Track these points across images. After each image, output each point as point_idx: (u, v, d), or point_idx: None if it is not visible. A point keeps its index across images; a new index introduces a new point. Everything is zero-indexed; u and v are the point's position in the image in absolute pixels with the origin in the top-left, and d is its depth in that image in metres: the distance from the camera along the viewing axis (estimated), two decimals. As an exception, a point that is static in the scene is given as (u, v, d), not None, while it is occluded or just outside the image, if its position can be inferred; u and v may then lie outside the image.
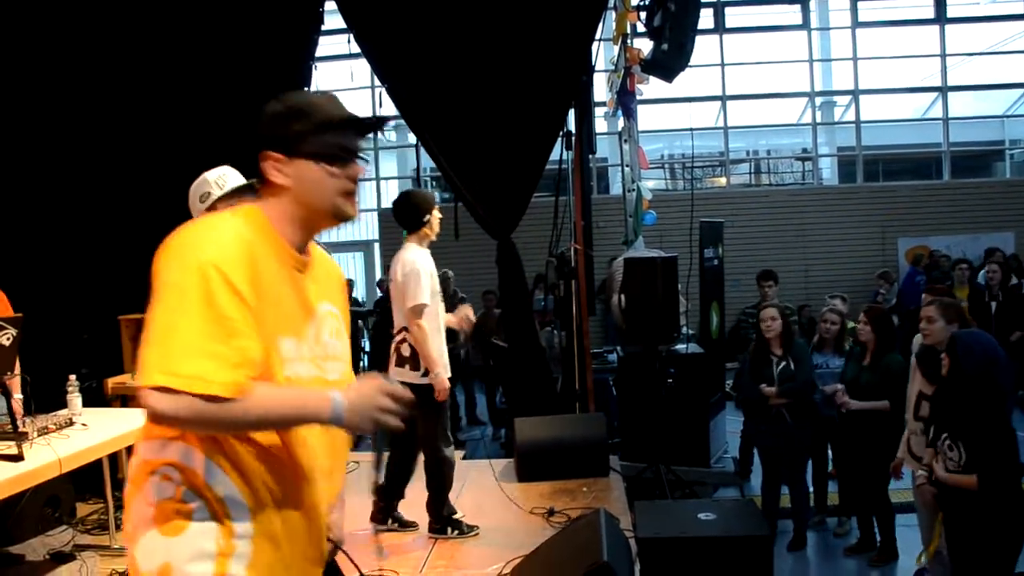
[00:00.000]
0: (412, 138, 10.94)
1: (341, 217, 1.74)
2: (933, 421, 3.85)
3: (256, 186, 1.77)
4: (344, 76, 10.01)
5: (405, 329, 4.29)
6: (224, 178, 3.26)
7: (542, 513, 4.73)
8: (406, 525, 4.64)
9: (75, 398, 3.98)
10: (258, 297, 1.58)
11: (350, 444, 1.91)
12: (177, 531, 1.60)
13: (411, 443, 4.51)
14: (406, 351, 4.30)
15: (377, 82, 6.96)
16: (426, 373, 4.26)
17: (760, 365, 5.45)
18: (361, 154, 1.76)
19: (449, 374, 4.36)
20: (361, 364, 9.69)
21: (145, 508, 1.62)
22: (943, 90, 13.67)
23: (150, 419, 1.56)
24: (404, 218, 4.38)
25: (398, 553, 4.34)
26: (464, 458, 6.37)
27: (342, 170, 1.70)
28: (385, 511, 4.62)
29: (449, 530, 4.49)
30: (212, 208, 2.98)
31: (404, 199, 4.42)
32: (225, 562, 1.61)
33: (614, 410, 7.45)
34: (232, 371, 1.50)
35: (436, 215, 4.39)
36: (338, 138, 1.70)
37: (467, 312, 4.56)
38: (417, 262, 4.24)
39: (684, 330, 6.59)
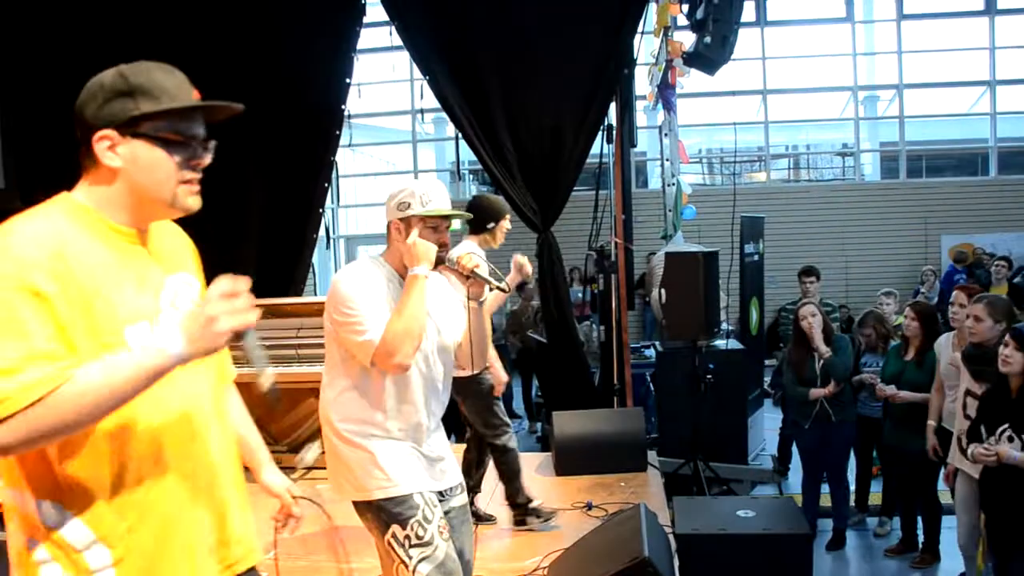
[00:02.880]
0: (450, 131, 11.00)
1: (180, 208, 1.59)
2: (986, 417, 3.78)
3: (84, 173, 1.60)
4: (386, 68, 10.05)
5: None
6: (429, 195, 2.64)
7: (580, 507, 4.73)
8: (483, 519, 4.58)
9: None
10: (80, 292, 1.43)
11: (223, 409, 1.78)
12: None
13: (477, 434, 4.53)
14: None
15: (418, 74, 6.97)
16: (463, 366, 4.25)
17: (800, 364, 5.39)
18: (205, 143, 1.60)
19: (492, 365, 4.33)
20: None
21: (13, 554, 1.53)
22: (991, 84, 13.39)
23: None
24: (471, 220, 4.38)
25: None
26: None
27: (184, 157, 1.56)
28: None
29: (529, 519, 4.44)
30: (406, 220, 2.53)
31: (476, 202, 4.39)
32: None
33: (651, 405, 7.43)
34: (36, 365, 1.36)
35: (504, 225, 4.31)
36: (183, 121, 1.56)
37: (522, 260, 4.50)
38: (472, 255, 4.24)
39: (724, 326, 6.54)
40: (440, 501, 2.55)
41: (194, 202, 1.60)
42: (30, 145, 6.15)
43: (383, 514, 2.45)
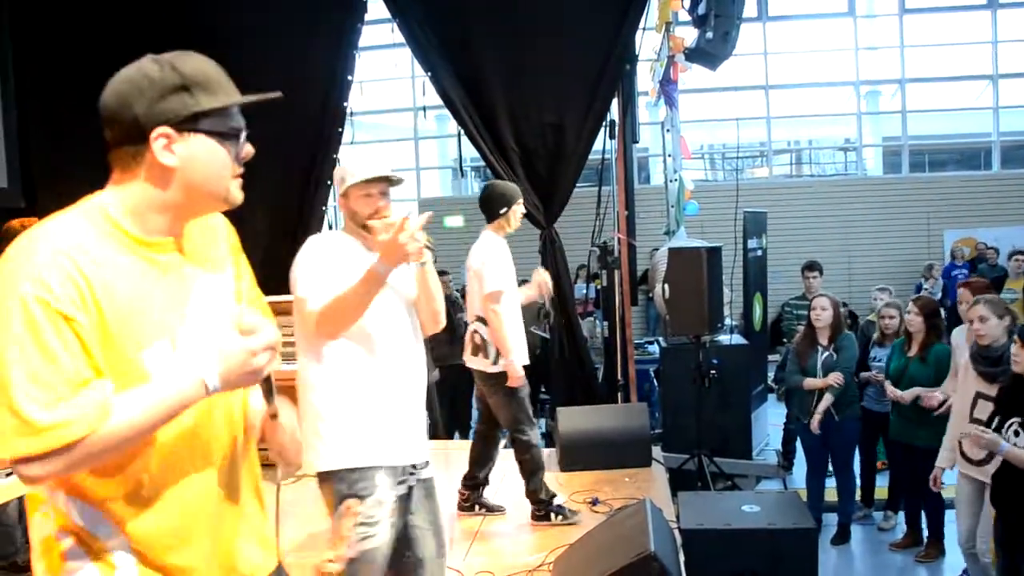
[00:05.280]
0: (453, 128, 10.98)
1: (231, 202, 1.55)
2: (1001, 412, 3.77)
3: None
4: (387, 65, 10.04)
5: (480, 318, 4.29)
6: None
7: (585, 503, 4.73)
8: (493, 510, 4.65)
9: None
10: (103, 316, 1.39)
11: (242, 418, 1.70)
12: (56, 571, 1.49)
13: (492, 429, 4.57)
14: (479, 339, 4.30)
15: (420, 71, 6.97)
16: (496, 362, 4.28)
17: (804, 354, 5.41)
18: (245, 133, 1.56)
19: (526, 361, 4.35)
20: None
21: (36, 543, 1.52)
22: (994, 78, 13.36)
23: (29, 484, 1.41)
24: (483, 210, 4.40)
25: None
26: (504, 447, 6.40)
27: (235, 150, 1.53)
28: (471, 499, 4.66)
29: (552, 516, 4.45)
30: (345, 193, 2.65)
31: (486, 190, 4.44)
32: None
33: (655, 401, 7.43)
34: (79, 402, 1.33)
35: (517, 209, 4.35)
36: (233, 115, 1.53)
37: (544, 277, 4.51)
38: (493, 250, 4.26)
39: (727, 321, 6.54)
40: (411, 474, 2.62)
41: (240, 194, 1.56)
42: (34, 145, 6.16)
43: (343, 485, 2.50)
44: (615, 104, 6.35)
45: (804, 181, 14.63)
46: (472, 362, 4.36)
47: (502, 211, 4.30)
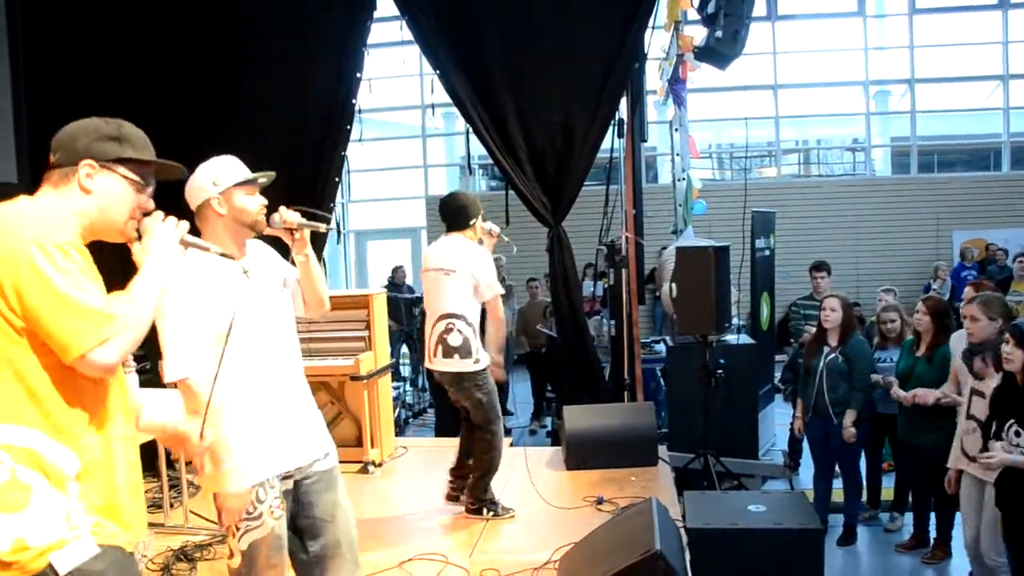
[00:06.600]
0: (461, 125, 10.99)
1: (126, 236, 2.00)
2: (997, 412, 3.77)
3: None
4: (396, 63, 10.04)
5: (452, 317, 4.28)
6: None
7: (591, 501, 4.74)
8: (500, 512, 4.63)
9: (131, 379, 4.07)
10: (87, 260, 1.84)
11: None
12: (20, 507, 1.74)
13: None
14: (455, 340, 4.26)
15: (428, 69, 6.96)
16: (478, 359, 4.30)
17: (811, 355, 5.40)
18: (151, 192, 2.02)
19: (492, 360, 4.43)
20: (401, 350, 9.79)
21: None
22: (1004, 78, 13.31)
23: (105, 373, 1.82)
24: (453, 217, 4.40)
25: (447, 538, 4.38)
26: (510, 446, 6.41)
27: (139, 199, 1.98)
28: (460, 488, 4.68)
29: (484, 511, 4.52)
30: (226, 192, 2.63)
31: (455, 200, 4.42)
32: (71, 517, 1.79)
33: (661, 400, 7.42)
34: (115, 299, 1.83)
35: (480, 222, 4.44)
36: (146, 172, 1.99)
37: (491, 226, 4.57)
38: (482, 253, 4.32)
39: (734, 321, 6.53)
40: (298, 468, 2.70)
41: (135, 235, 2.01)
42: (43, 142, 6.17)
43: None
44: (624, 103, 6.34)
45: (812, 181, 14.59)
46: (445, 365, 4.32)
47: (472, 222, 4.37)
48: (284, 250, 2.81)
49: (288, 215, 2.74)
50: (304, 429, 2.74)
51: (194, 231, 2.56)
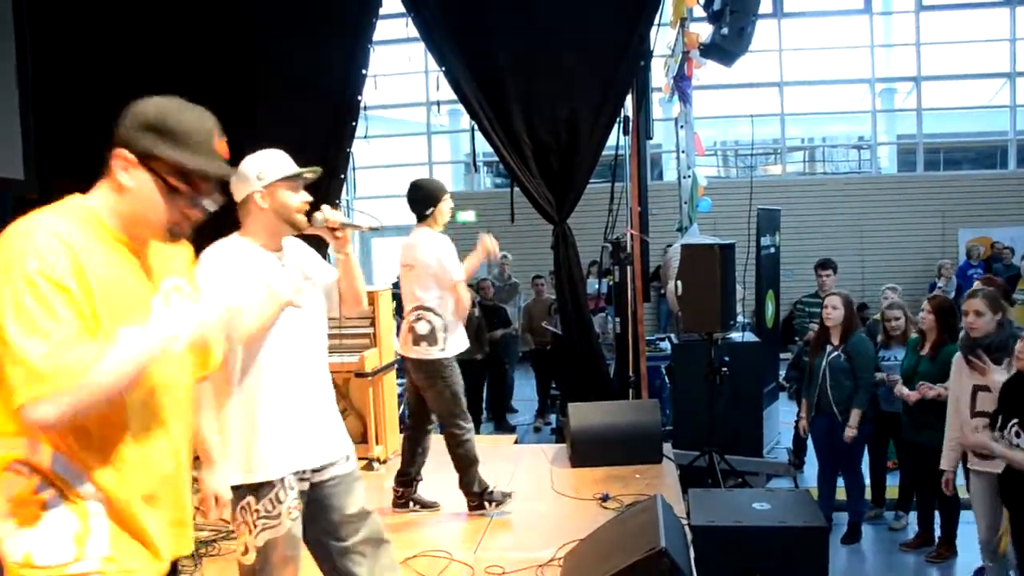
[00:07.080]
0: (466, 122, 10.99)
1: (166, 240, 1.80)
2: (1004, 409, 3.76)
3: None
4: (401, 60, 10.05)
5: (421, 308, 4.35)
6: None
7: (596, 498, 4.74)
8: (428, 506, 4.69)
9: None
10: (89, 292, 1.61)
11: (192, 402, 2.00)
12: (33, 521, 1.67)
13: (423, 425, 4.61)
14: (423, 329, 4.35)
15: (434, 65, 6.97)
16: (444, 348, 4.35)
17: (814, 353, 5.40)
18: (207, 195, 1.76)
19: (464, 348, 4.50)
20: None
21: (3, 503, 1.68)
22: (1011, 76, 13.26)
23: (41, 430, 1.62)
24: (414, 209, 4.45)
25: (452, 535, 4.38)
26: (515, 443, 6.42)
27: (180, 204, 1.73)
28: (405, 496, 4.68)
29: (487, 505, 4.52)
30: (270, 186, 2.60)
31: (413, 190, 4.45)
32: (83, 543, 1.69)
33: (666, 398, 7.43)
34: (80, 350, 1.55)
35: (444, 205, 4.42)
36: (186, 177, 1.72)
37: (490, 243, 4.53)
38: (443, 244, 4.34)
39: (739, 318, 6.53)
40: (315, 471, 2.68)
41: (178, 238, 1.81)
42: (51, 138, 6.19)
43: (244, 486, 2.57)
44: (629, 100, 6.34)
45: (818, 179, 14.57)
46: (413, 352, 4.39)
47: (429, 211, 4.38)
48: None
49: (331, 214, 2.73)
50: (327, 429, 2.73)
51: (235, 223, 2.60)
